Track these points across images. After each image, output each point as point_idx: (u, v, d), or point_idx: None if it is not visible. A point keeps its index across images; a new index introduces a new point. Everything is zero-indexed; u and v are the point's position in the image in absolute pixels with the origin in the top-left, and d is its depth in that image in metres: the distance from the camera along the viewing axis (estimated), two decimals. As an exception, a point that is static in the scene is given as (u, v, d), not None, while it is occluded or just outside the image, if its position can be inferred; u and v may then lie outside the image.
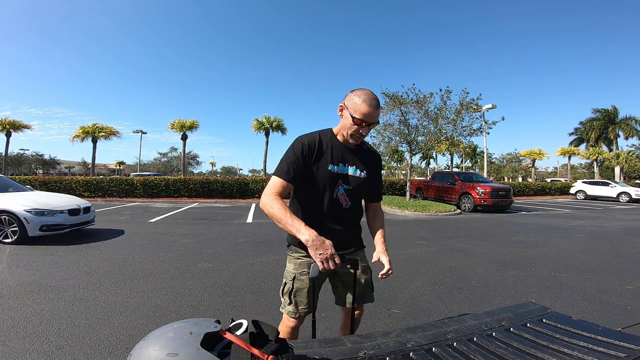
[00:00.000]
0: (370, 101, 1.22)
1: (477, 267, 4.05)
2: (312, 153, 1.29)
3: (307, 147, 1.28)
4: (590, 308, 2.81)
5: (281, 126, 24.01)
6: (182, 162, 27.19)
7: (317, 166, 1.29)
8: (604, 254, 4.88)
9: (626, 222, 8.83)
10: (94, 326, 2.28)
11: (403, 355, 0.78)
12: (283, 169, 1.26)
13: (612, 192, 17.61)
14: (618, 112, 28.77)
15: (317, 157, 1.30)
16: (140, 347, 0.63)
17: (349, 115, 1.25)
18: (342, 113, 1.30)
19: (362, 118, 1.22)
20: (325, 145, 1.32)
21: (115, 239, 5.45)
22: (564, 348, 0.80)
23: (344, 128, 1.30)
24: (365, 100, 1.22)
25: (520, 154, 37.95)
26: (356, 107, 1.22)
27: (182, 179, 14.78)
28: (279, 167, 1.28)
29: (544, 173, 54.53)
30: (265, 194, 1.25)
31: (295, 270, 1.37)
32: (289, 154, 1.28)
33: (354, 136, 1.29)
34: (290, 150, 1.29)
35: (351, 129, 1.27)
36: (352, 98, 1.25)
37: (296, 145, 1.29)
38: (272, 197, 1.22)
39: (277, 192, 1.24)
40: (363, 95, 1.23)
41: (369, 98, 1.23)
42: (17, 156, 39.96)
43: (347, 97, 1.28)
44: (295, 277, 1.35)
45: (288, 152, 1.30)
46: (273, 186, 1.26)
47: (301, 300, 1.34)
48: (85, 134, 21.60)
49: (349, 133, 1.28)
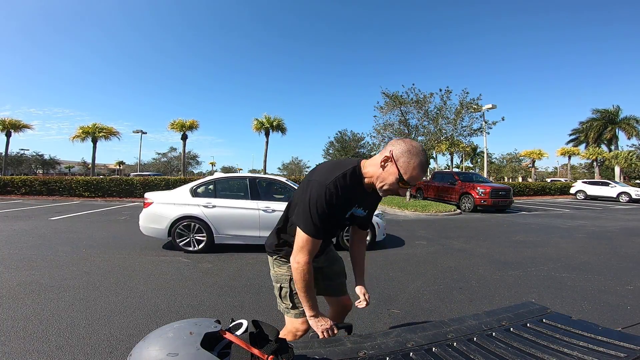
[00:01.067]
0: (424, 166, 1.08)
1: (477, 267, 4.05)
2: (341, 205, 1.18)
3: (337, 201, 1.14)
4: (590, 308, 2.81)
5: (281, 126, 24.00)
6: (182, 162, 27.19)
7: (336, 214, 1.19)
8: (604, 254, 4.88)
9: (626, 222, 8.83)
10: (94, 326, 2.28)
11: (403, 355, 0.78)
12: (317, 229, 1.13)
13: (612, 192, 17.61)
14: (620, 111, 28.76)
15: (341, 208, 1.20)
16: (140, 347, 0.63)
17: (395, 171, 1.07)
18: (385, 164, 1.10)
19: (409, 181, 1.08)
20: (351, 193, 1.18)
21: (115, 239, 5.45)
22: (564, 348, 0.80)
23: (383, 180, 1.12)
24: (420, 164, 1.07)
25: (520, 154, 37.97)
26: (408, 169, 1.06)
27: (182, 179, 14.79)
28: (312, 225, 1.13)
29: (544, 173, 54.53)
30: (304, 255, 1.15)
31: (288, 272, 1.36)
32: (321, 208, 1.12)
33: (388, 192, 1.14)
34: (322, 202, 1.12)
35: (392, 187, 1.11)
36: (406, 155, 1.07)
37: (329, 198, 1.12)
38: (310, 266, 1.17)
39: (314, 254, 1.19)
40: (419, 157, 1.07)
41: (423, 162, 1.08)
42: (17, 156, 39.95)
43: (397, 147, 1.08)
44: (291, 278, 1.35)
45: (319, 203, 1.12)
46: (312, 249, 1.16)
47: None
48: (85, 134, 21.57)
49: (385, 189, 1.13)
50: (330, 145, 33.15)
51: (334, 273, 1.56)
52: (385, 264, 4.09)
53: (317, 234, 1.13)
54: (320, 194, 1.11)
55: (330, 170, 1.16)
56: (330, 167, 1.18)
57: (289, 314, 1.37)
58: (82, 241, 5.15)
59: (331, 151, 33.34)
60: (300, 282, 1.17)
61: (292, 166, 51.85)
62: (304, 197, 1.15)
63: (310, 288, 1.19)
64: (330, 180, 1.11)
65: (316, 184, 1.13)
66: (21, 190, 14.16)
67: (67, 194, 14.03)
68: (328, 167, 1.19)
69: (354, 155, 31.59)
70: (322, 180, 1.13)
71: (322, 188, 1.11)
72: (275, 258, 1.43)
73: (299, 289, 1.20)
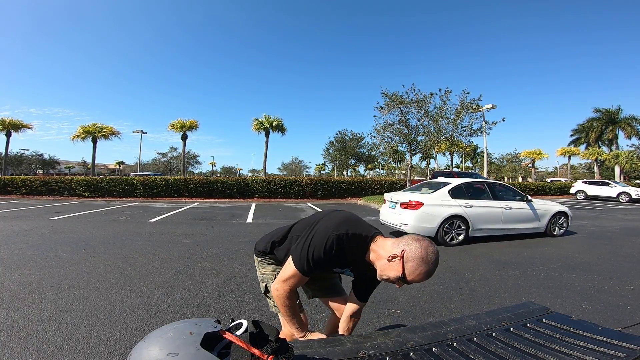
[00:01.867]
0: (431, 274, 1.04)
1: (477, 267, 4.05)
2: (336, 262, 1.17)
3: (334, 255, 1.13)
4: (590, 308, 2.81)
5: (281, 126, 24.00)
6: (182, 162, 27.19)
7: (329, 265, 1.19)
8: (604, 254, 4.88)
9: (626, 222, 8.83)
10: (94, 326, 2.28)
11: (403, 355, 0.78)
12: (309, 269, 1.13)
13: (612, 192, 17.60)
14: (621, 111, 28.74)
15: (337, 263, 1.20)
16: (140, 347, 0.63)
17: (400, 271, 1.04)
18: (393, 260, 1.06)
19: (410, 283, 1.06)
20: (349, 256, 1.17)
21: (115, 239, 5.45)
22: (564, 348, 0.80)
23: (384, 270, 1.09)
24: (428, 272, 1.03)
25: (520, 154, 37.96)
26: (414, 274, 1.03)
27: (182, 179, 14.78)
28: (306, 264, 1.13)
29: (543, 173, 54.53)
30: (288, 286, 1.16)
31: (274, 272, 1.42)
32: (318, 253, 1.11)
33: (385, 281, 1.11)
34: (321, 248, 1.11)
35: (391, 280, 1.08)
36: (418, 262, 1.02)
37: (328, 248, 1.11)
38: (292, 296, 1.19)
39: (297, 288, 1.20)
40: (428, 266, 1.03)
41: (430, 271, 1.03)
42: (17, 156, 39.96)
43: (411, 250, 1.04)
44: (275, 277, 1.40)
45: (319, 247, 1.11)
46: (296, 284, 1.17)
47: None
48: (86, 133, 21.58)
49: (385, 279, 1.10)
50: (330, 145, 33.16)
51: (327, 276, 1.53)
52: (385, 264, 4.09)
53: (307, 273, 1.14)
54: (322, 240, 1.11)
55: (343, 223, 1.15)
56: (345, 220, 1.17)
57: (278, 312, 1.40)
58: (82, 241, 5.15)
59: (331, 151, 33.34)
60: (282, 307, 1.20)
61: (292, 166, 51.87)
62: (307, 235, 1.17)
63: (292, 310, 1.20)
64: (337, 232, 1.11)
65: (323, 229, 1.14)
66: (21, 190, 14.16)
67: (67, 194, 14.03)
68: (343, 218, 1.18)
69: (354, 155, 31.61)
70: (330, 227, 1.13)
71: (326, 235, 1.11)
72: (260, 260, 1.50)
73: (282, 313, 1.23)
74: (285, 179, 15.44)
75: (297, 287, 1.19)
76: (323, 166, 51.50)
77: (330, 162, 35.80)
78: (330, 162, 36.29)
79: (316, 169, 56.62)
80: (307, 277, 1.16)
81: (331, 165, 39.77)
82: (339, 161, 33.04)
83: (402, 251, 1.04)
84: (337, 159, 32.96)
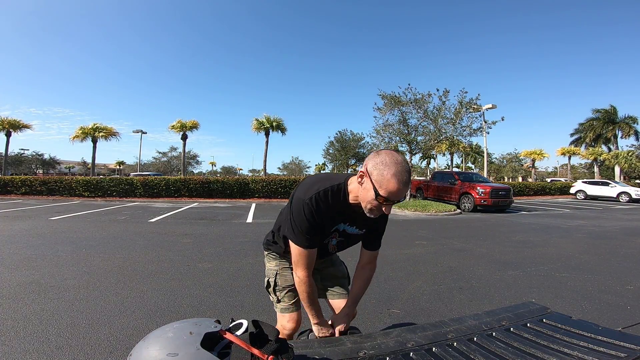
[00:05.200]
0: (401, 176, 0.97)
1: (477, 267, 4.05)
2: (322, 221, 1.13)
3: (317, 218, 1.10)
4: (590, 308, 2.81)
5: (281, 126, 23.99)
6: (182, 162, 27.19)
7: (319, 229, 1.16)
8: (604, 254, 4.88)
9: (626, 222, 8.83)
10: (94, 326, 2.28)
11: (403, 355, 0.78)
12: (307, 240, 1.12)
13: (612, 192, 17.61)
14: (617, 111, 28.80)
15: (327, 223, 1.17)
16: (140, 347, 0.63)
17: (371, 187, 0.98)
18: (362, 180, 1.03)
19: (387, 196, 0.97)
20: (333, 211, 1.14)
21: (115, 239, 5.45)
22: (564, 348, 0.80)
23: (363, 200, 1.05)
24: (396, 174, 0.96)
25: (521, 154, 37.96)
26: (382, 182, 0.97)
27: (182, 178, 14.79)
28: (302, 238, 1.12)
29: (544, 173, 54.53)
30: (303, 269, 1.16)
31: (277, 267, 1.42)
32: (302, 224, 1.10)
33: (373, 211, 1.04)
34: (302, 218, 1.10)
35: (371, 204, 1.02)
36: (380, 168, 0.98)
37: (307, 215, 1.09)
38: (310, 279, 1.19)
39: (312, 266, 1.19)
40: (393, 168, 0.96)
41: (399, 172, 0.96)
42: (17, 156, 39.94)
43: (371, 162, 1.00)
44: (278, 273, 1.40)
45: (299, 219, 1.11)
46: (308, 261, 1.16)
47: (289, 295, 1.38)
48: (85, 134, 21.59)
49: (368, 207, 1.04)
50: (330, 145, 33.14)
51: (333, 275, 1.51)
52: (385, 264, 4.09)
53: (309, 245, 1.13)
54: (299, 210, 1.09)
55: (311, 185, 1.12)
56: (313, 182, 1.15)
57: (276, 309, 1.41)
58: (82, 241, 5.15)
59: (331, 151, 33.33)
60: (302, 294, 1.22)
61: (293, 166, 51.90)
62: (288, 212, 1.16)
63: (311, 299, 1.22)
64: (308, 197, 1.08)
65: (295, 200, 1.12)
66: (21, 190, 14.16)
67: (67, 194, 14.03)
68: (310, 182, 1.15)
69: (354, 155, 31.60)
70: (301, 196, 1.11)
71: (300, 204, 1.09)
72: (267, 253, 1.48)
73: (302, 300, 1.24)
74: (285, 179, 15.44)
75: (312, 263, 1.18)
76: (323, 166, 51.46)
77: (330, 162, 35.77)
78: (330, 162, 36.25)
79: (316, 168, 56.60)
80: (314, 249, 1.16)
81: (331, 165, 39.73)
82: (339, 161, 33.02)
83: (365, 166, 1.02)
84: (337, 159, 32.95)
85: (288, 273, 1.40)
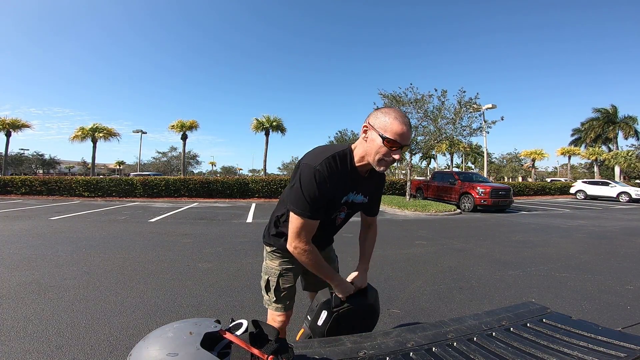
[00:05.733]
0: (403, 119, 1.04)
1: (477, 267, 4.05)
2: (332, 187, 1.12)
3: (329, 181, 1.09)
4: (590, 308, 2.81)
5: (281, 126, 24.02)
6: (182, 161, 27.19)
7: (331, 199, 1.15)
8: (604, 254, 4.88)
9: (626, 222, 8.83)
10: (94, 326, 2.28)
11: (403, 355, 0.78)
12: (312, 209, 1.09)
13: (612, 192, 17.61)
14: (617, 111, 28.81)
15: (334, 191, 1.14)
16: (140, 347, 0.63)
17: (377, 135, 1.04)
18: (366, 135, 1.08)
19: (394, 138, 1.02)
20: (344, 176, 1.14)
21: (115, 239, 5.45)
22: (564, 348, 0.80)
23: (371, 153, 1.08)
24: (397, 117, 1.03)
25: (520, 154, 37.96)
26: (386, 126, 1.02)
27: (182, 178, 14.79)
28: (305, 207, 1.09)
29: (544, 173, 54.53)
30: (301, 240, 1.12)
31: (280, 267, 1.36)
32: (312, 191, 1.08)
33: (382, 162, 1.07)
34: (313, 185, 1.08)
35: (380, 152, 1.05)
36: (380, 116, 1.05)
37: (319, 181, 1.08)
38: (312, 246, 1.15)
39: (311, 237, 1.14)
40: (393, 113, 1.05)
41: (399, 115, 1.04)
42: (17, 156, 39.97)
43: (372, 116, 1.08)
44: (281, 273, 1.36)
45: (310, 186, 1.08)
46: (308, 232, 1.12)
47: (287, 295, 1.37)
48: (85, 134, 21.60)
49: (377, 158, 1.07)
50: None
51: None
52: (385, 264, 4.09)
53: (312, 214, 1.09)
54: (310, 177, 1.07)
55: (320, 153, 1.13)
56: (321, 150, 1.15)
57: (270, 307, 1.38)
58: (82, 241, 5.15)
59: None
60: (309, 263, 1.16)
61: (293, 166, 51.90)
62: (295, 181, 1.12)
63: (320, 264, 1.18)
64: (318, 163, 1.08)
65: (305, 167, 1.10)
66: (21, 190, 14.16)
67: (67, 194, 14.03)
68: (318, 150, 1.16)
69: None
70: (311, 163, 1.09)
71: (311, 171, 1.07)
72: (270, 251, 1.39)
73: (311, 269, 1.18)
74: (286, 179, 15.45)
75: (311, 235, 1.14)
76: (323, 166, 51.46)
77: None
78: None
79: (316, 168, 56.56)
80: (316, 220, 1.12)
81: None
82: (339, 161, 33.01)
83: (366, 122, 1.10)
84: (337, 158, 32.94)
85: (290, 273, 1.37)
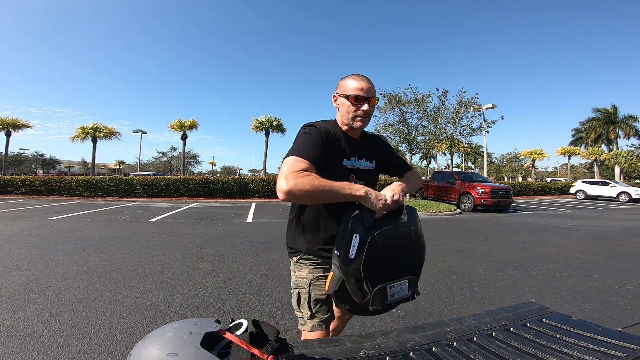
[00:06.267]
0: (360, 76, 1.16)
1: (477, 267, 4.05)
2: (329, 143, 1.11)
3: (324, 135, 1.11)
4: (590, 308, 2.81)
5: (281, 126, 24.03)
6: (182, 161, 27.18)
7: (331, 160, 1.12)
8: (604, 254, 4.88)
9: (626, 222, 8.83)
10: (94, 326, 2.28)
11: (403, 355, 0.78)
12: (304, 150, 1.03)
13: (612, 192, 17.61)
14: (618, 111, 28.81)
15: (332, 150, 1.13)
16: (140, 347, 0.63)
17: (343, 98, 1.16)
18: (337, 103, 1.21)
19: (356, 93, 1.13)
20: (337, 136, 1.18)
21: (115, 238, 5.45)
22: (564, 348, 0.80)
23: (345, 115, 1.17)
24: (355, 77, 1.16)
25: (520, 154, 37.95)
26: (347, 86, 1.15)
27: (182, 178, 14.79)
28: (297, 149, 1.04)
29: (544, 173, 54.52)
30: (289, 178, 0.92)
31: (310, 275, 1.19)
32: (306, 138, 1.08)
33: (356, 118, 1.16)
34: (307, 135, 1.09)
35: (350, 111, 1.15)
36: (341, 83, 1.19)
37: (313, 130, 1.11)
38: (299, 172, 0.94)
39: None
40: (351, 75, 1.18)
41: (357, 75, 1.17)
42: (17, 156, 39.96)
43: (337, 86, 1.22)
44: (312, 282, 1.18)
45: (303, 136, 1.09)
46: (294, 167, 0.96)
47: (324, 309, 1.19)
48: (85, 134, 21.60)
49: (351, 117, 1.16)
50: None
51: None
52: (385, 264, 4.09)
53: (301, 153, 1.00)
54: (302, 132, 1.14)
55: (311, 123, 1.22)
56: (311, 123, 1.23)
57: (304, 326, 1.17)
58: (82, 241, 5.15)
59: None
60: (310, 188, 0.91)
61: (292, 166, 51.83)
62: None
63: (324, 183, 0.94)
64: (308, 124, 1.18)
65: (298, 135, 1.16)
66: (21, 190, 14.16)
67: (67, 194, 14.03)
68: (308, 123, 1.24)
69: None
70: (300, 130, 1.17)
71: (303, 128, 1.15)
72: (296, 260, 1.24)
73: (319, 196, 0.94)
74: (285, 179, 15.40)
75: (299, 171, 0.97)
76: (323, 166, 51.41)
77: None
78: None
79: (316, 168, 56.48)
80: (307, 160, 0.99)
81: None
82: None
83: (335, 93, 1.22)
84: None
85: (322, 282, 1.18)
